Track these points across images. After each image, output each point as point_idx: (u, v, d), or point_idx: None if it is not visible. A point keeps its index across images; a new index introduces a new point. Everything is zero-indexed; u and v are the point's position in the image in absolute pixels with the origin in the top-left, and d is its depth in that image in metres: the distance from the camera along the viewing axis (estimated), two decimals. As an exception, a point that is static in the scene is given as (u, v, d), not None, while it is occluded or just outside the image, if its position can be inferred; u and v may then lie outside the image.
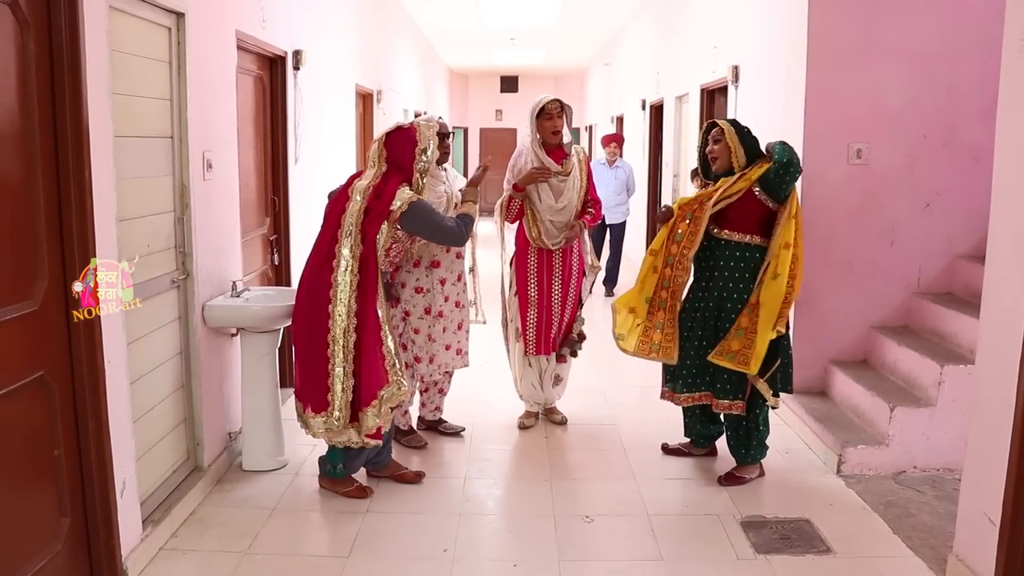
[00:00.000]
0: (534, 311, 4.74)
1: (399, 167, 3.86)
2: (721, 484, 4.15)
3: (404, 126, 3.95)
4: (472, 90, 21.56)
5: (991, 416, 3.00)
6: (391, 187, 3.80)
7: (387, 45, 9.92)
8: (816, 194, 4.93)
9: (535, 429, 4.96)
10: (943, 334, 4.63)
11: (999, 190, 3.03)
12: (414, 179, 3.88)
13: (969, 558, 3.12)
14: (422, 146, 3.87)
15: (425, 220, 3.90)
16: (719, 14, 7.02)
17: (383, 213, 3.74)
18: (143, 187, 3.46)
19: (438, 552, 3.50)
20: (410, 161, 3.86)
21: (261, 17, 4.82)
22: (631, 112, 11.99)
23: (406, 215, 3.79)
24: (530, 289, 4.73)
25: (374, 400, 3.74)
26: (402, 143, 3.87)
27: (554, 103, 4.58)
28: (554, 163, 4.60)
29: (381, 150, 3.88)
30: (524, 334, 4.78)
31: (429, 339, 4.46)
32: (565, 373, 5.02)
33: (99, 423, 2.93)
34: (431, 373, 4.53)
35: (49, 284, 2.73)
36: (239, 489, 4.06)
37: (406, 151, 3.86)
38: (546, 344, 4.79)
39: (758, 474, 4.24)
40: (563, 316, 4.79)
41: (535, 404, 5.01)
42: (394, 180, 3.83)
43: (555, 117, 4.55)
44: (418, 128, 3.90)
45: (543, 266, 4.72)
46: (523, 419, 5.00)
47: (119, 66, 3.16)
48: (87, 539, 2.97)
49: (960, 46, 4.81)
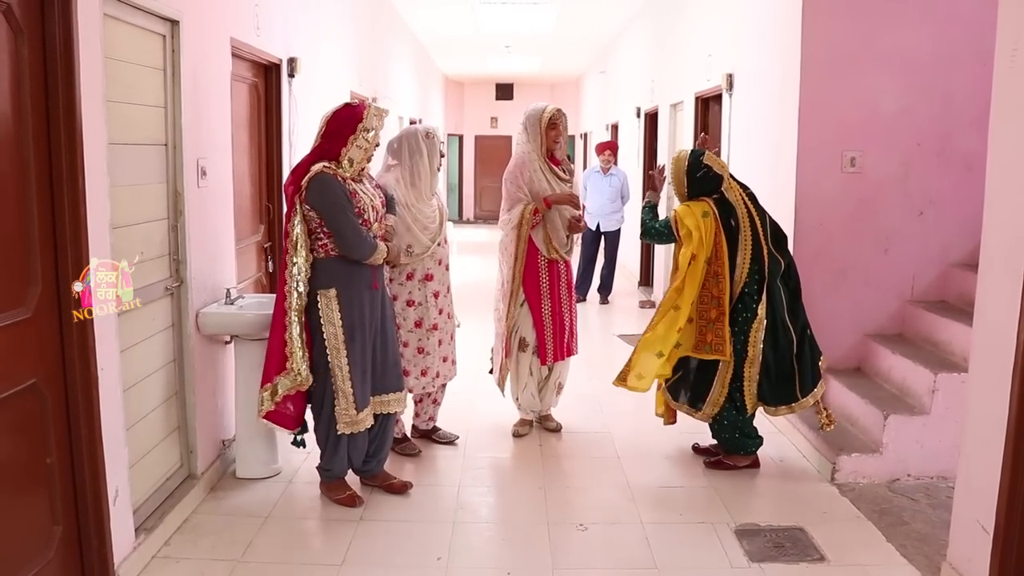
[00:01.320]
0: (549, 322, 4.77)
1: (332, 141, 3.69)
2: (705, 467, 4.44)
3: (353, 103, 3.81)
4: (467, 97, 21.58)
5: (984, 424, 3.00)
6: (307, 161, 3.71)
7: (382, 52, 9.93)
8: (810, 202, 4.94)
9: (529, 437, 4.95)
10: (937, 342, 4.64)
11: (992, 198, 3.04)
12: (344, 154, 3.68)
13: (963, 566, 3.12)
14: (365, 125, 3.70)
15: (327, 195, 3.62)
16: (714, 22, 7.04)
17: (298, 188, 3.67)
18: (137, 194, 3.46)
19: (432, 560, 3.49)
20: (346, 135, 3.68)
21: (256, 25, 4.83)
22: (626, 120, 12.00)
23: (310, 188, 3.62)
24: (543, 301, 4.76)
25: (268, 383, 3.75)
26: (345, 118, 3.72)
27: (561, 114, 4.66)
28: (560, 171, 4.73)
29: (322, 126, 3.75)
30: (542, 345, 4.77)
31: (419, 352, 4.44)
32: (566, 380, 5.04)
33: (92, 431, 2.91)
34: (424, 386, 4.50)
35: (42, 291, 2.73)
36: (232, 497, 4.05)
37: (346, 127, 3.69)
38: (561, 350, 4.84)
39: (746, 463, 4.39)
40: (572, 320, 4.87)
41: (530, 412, 5.01)
42: (314, 154, 3.72)
43: (561, 128, 4.66)
44: (368, 107, 3.76)
45: (553, 277, 4.77)
46: (518, 427, 4.99)
47: (113, 73, 3.16)
48: (80, 547, 2.96)
49: (954, 55, 4.83)
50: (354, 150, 3.72)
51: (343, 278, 3.75)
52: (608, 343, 7.48)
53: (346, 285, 3.75)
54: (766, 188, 5.46)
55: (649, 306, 9.32)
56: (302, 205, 3.66)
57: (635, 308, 9.32)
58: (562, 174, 4.71)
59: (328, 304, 3.73)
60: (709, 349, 4.19)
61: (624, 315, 8.98)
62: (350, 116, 3.73)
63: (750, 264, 4.14)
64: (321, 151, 3.73)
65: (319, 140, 3.74)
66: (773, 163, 5.33)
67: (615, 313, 9.09)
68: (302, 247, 3.68)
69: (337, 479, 4.01)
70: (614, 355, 6.98)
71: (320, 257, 3.74)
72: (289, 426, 3.84)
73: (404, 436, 4.68)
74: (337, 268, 3.74)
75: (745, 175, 5.95)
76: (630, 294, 10.13)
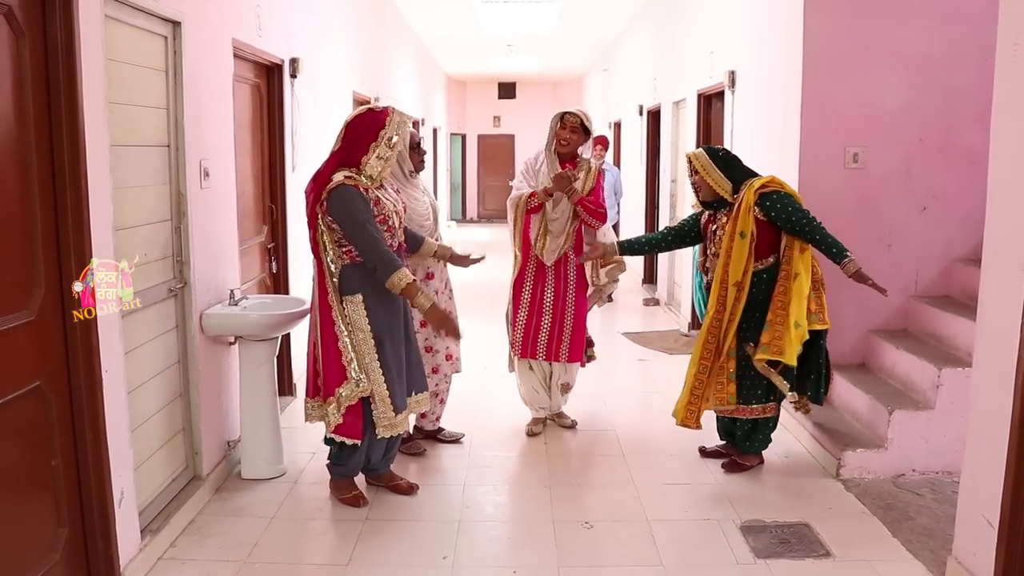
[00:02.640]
0: (524, 313, 4.81)
1: (353, 148, 3.63)
2: (725, 471, 4.34)
3: (376, 108, 3.72)
4: (470, 97, 21.58)
5: (989, 419, 3.00)
6: (329, 168, 3.65)
7: (385, 52, 9.94)
8: (813, 198, 4.89)
9: (533, 436, 4.95)
10: (941, 337, 4.63)
11: (994, 193, 3.04)
12: (365, 163, 3.61)
13: (968, 561, 3.12)
14: (389, 134, 3.63)
15: (349, 210, 3.55)
16: (716, 20, 7.03)
17: (319, 197, 3.63)
18: (140, 196, 3.46)
19: (438, 559, 3.50)
20: (367, 143, 3.61)
21: (258, 25, 4.83)
22: (628, 118, 12.00)
23: (331, 200, 3.56)
24: (524, 292, 4.81)
25: (331, 396, 3.73)
26: (367, 124, 3.64)
27: (574, 117, 4.67)
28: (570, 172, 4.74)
29: (343, 131, 3.68)
30: (513, 334, 4.85)
31: (427, 351, 4.48)
32: (574, 381, 5.05)
33: (97, 432, 2.92)
34: (435, 383, 4.54)
35: (46, 293, 2.73)
36: (238, 498, 4.05)
37: (369, 132, 3.62)
38: (532, 348, 4.83)
39: (758, 462, 4.40)
40: (555, 327, 4.82)
41: (540, 410, 5.01)
42: (334, 160, 3.66)
43: (569, 129, 4.65)
44: (391, 114, 3.67)
45: (540, 274, 4.79)
46: (531, 426, 5.00)
47: (115, 75, 3.16)
48: (85, 549, 2.96)
49: (956, 51, 4.82)
50: (375, 159, 3.64)
51: (369, 283, 3.70)
52: (612, 341, 7.46)
53: (372, 290, 3.70)
54: (769, 185, 5.47)
55: (653, 304, 9.33)
56: (324, 216, 3.63)
57: (639, 306, 9.32)
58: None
59: (355, 310, 3.70)
60: (815, 319, 4.04)
61: (628, 313, 8.97)
62: (372, 123, 3.65)
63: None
64: (341, 157, 3.67)
65: (339, 144, 3.68)
66: (776, 160, 5.31)
67: (619, 311, 9.07)
68: (333, 252, 3.68)
69: (347, 478, 4.01)
70: (618, 353, 7.00)
71: (346, 263, 3.70)
72: (357, 436, 3.77)
73: (409, 436, 4.68)
74: (362, 274, 3.68)
75: (748, 172, 5.97)
76: (633, 292, 10.10)
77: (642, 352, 7.05)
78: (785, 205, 3.99)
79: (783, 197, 4.02)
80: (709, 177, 4.12)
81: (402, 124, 3.70)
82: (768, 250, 4.08)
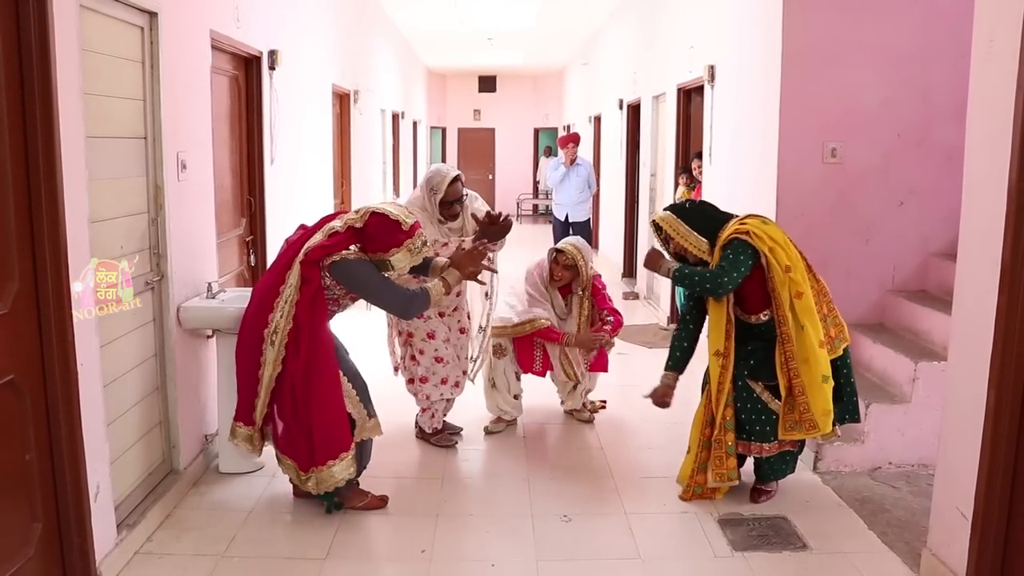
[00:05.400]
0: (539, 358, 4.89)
1: (372, 241, 3.52)
2: (754, 501, 3.95)
3: (404, 225, 3.47)
4: (450, 90, 21.54)
5: (963, 412, 3.03)
6: (347, 239, 3.52)
7: (365, 45, 9.89)
8: (791, 193, 4.96)
9: (512, 429, 4.96)
10: (917, 331, 4.67)
11: (970, 189, 3.07)
12: (393, 254, 3.49)
13: (942, 552, 3.16)
14: (413, 243, 3.50)
15: (355, 278, 3.53)
16: (696, 15, 7.04)
17: (326, 249, 3.48)
18: (116, 188, 3.43)
19: (416, 553, 3.49)
20: (388, 245, 3.49)
21: (236, 17, 4.80)
22: (609, 112, 12.01)
23: (335, 265, 3.49)
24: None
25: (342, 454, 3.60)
26: (388, 233, 3.48)
27: (567, 258, 4.74)
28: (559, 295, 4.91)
29: (361, 218, 3.51)
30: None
31: (437, 360, 4.49)
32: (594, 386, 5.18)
33: (72, 427, 2.89)
34: (443, 393, 4.56)
35: (20, 287, 2.70)
36: (215, 492, 4.03)
37: (388, 240, 3.49)
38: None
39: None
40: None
41: (505, 414, 4.96)
42: (354, 238, 3.53)
43: (562, 267, 4.77)
44: (417, 233, 3.51)
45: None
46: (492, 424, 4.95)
47: (91, 66, 3.12)
48: (60, 544, 2.93)
49: (934, 47, 4.86)
50: (404, 253, 3.51)
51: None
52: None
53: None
54: (748, 179, 5.49)
55: (633, 297, 9.35)
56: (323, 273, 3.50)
57: (618, 300, 9.33)
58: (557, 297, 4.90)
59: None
60: (838, 342, 3.77)
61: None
62: (394, 234, 3.48)
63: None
64: (354, 239, 3.53)
65: (355, 224, 3.50)
66: (755, 154, 5.34)
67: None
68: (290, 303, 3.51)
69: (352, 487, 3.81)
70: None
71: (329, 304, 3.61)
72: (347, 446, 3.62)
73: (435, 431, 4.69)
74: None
75: (727, 166, 6.00)
76: (613, 285, 10.09)
77: (621, 346, 7.06)
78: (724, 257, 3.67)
79: (736, 247, 3.64)
80: (686, 241, 3.77)
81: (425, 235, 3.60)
82: (762, 304, 3.75)
